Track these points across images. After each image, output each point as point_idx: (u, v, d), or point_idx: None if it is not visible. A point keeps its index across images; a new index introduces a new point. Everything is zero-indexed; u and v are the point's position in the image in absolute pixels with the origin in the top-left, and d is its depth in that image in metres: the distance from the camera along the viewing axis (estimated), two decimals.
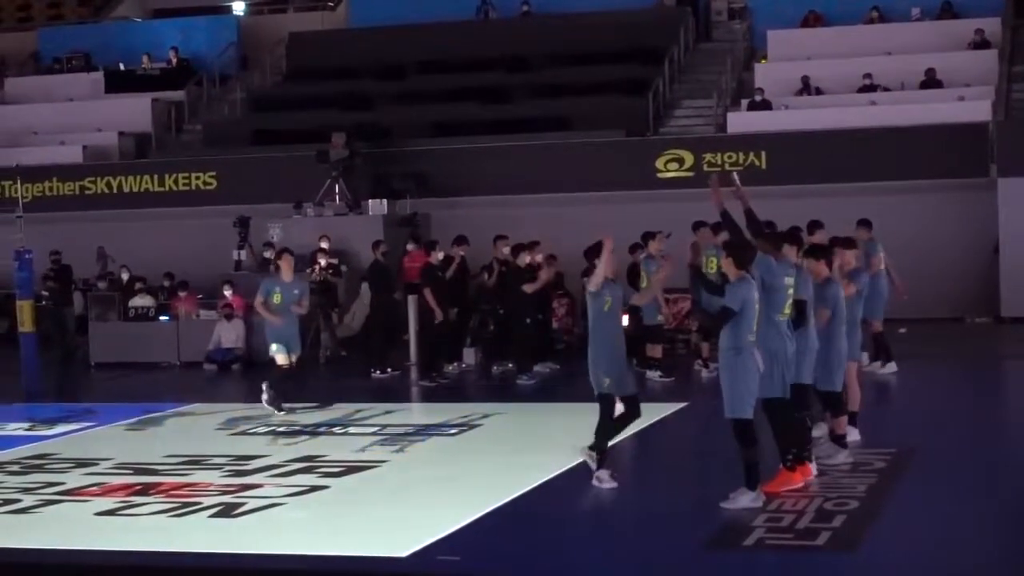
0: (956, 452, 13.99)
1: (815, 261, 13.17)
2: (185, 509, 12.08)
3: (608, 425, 12.62)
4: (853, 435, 13.71)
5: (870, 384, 18.15)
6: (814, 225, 15.81)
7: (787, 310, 12.03)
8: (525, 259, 20.47)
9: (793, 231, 13.55)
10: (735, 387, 11.41)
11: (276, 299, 17.64)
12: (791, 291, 12.07)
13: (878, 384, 18.56)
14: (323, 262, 23.79)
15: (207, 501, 12.36)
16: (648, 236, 19.73)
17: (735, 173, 13.45)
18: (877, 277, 19.51)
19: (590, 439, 12.57)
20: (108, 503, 12.51)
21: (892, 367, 19.37)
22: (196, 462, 14.43)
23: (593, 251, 12.70)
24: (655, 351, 19.74)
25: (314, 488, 12.85)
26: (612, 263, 12.65)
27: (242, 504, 12.18)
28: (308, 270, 24.14)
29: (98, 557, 10.76)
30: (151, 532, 11.40)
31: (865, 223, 19.64)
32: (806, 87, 30.30)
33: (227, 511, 11.97)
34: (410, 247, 23.36)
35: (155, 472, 13.95)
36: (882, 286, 19.44)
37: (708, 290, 13.01)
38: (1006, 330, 24.84)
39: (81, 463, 14.60)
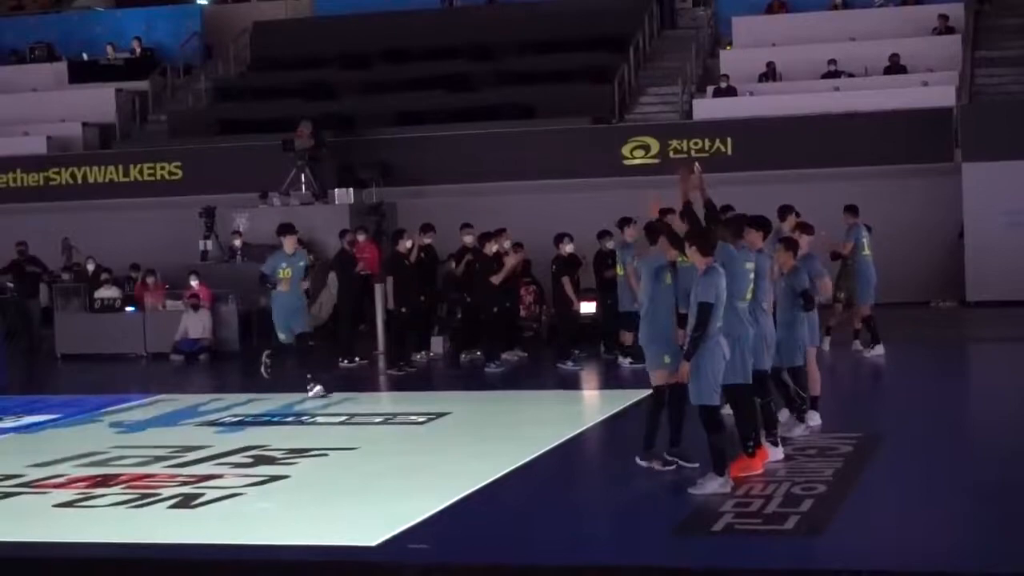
0: (922, 436, 14.06)
1: (784, 251, 13.32)
2: (149, 500, 12.00)
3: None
4: (815, 419, 13.91)
5: (835, 369, 18.28)
6: (785, 210, 15.68)
7: (748, 295, 12.07)
8: (491, 247, 20.42)
9: (760, 217, 13.42)
10: (702, 374, 11.44)
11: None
12: (752, 276, 12.10)
13: (843, 369, 18.64)
14: None
15: (177, 491, 12.26)
16: (624, 222, 19.23)
17: (696, 162, 13.46)
18: (862, 262, 19.57)
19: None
20: (67, 495, 12.39)
21: (880, 350, 19.45)
22: (162, 453, 14.32)
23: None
24: (627, 338, 19.75)
25: (282, 477, 12.81)
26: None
27: (216, 494, 12.12)
28: None
29: (57, 550, 10.68)
30: (115, 523, 11.34)
31: (851, 208, 19.77)
32: (771, 73, 30.35)
33: (194, 501, 11.91)
34: (360, 237, 23.21)
35: (116, 463, 13.86)
36: (868, 271, 19.52)
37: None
38: (971, 314, 24.93)
39: (39, 454, 14.49)
